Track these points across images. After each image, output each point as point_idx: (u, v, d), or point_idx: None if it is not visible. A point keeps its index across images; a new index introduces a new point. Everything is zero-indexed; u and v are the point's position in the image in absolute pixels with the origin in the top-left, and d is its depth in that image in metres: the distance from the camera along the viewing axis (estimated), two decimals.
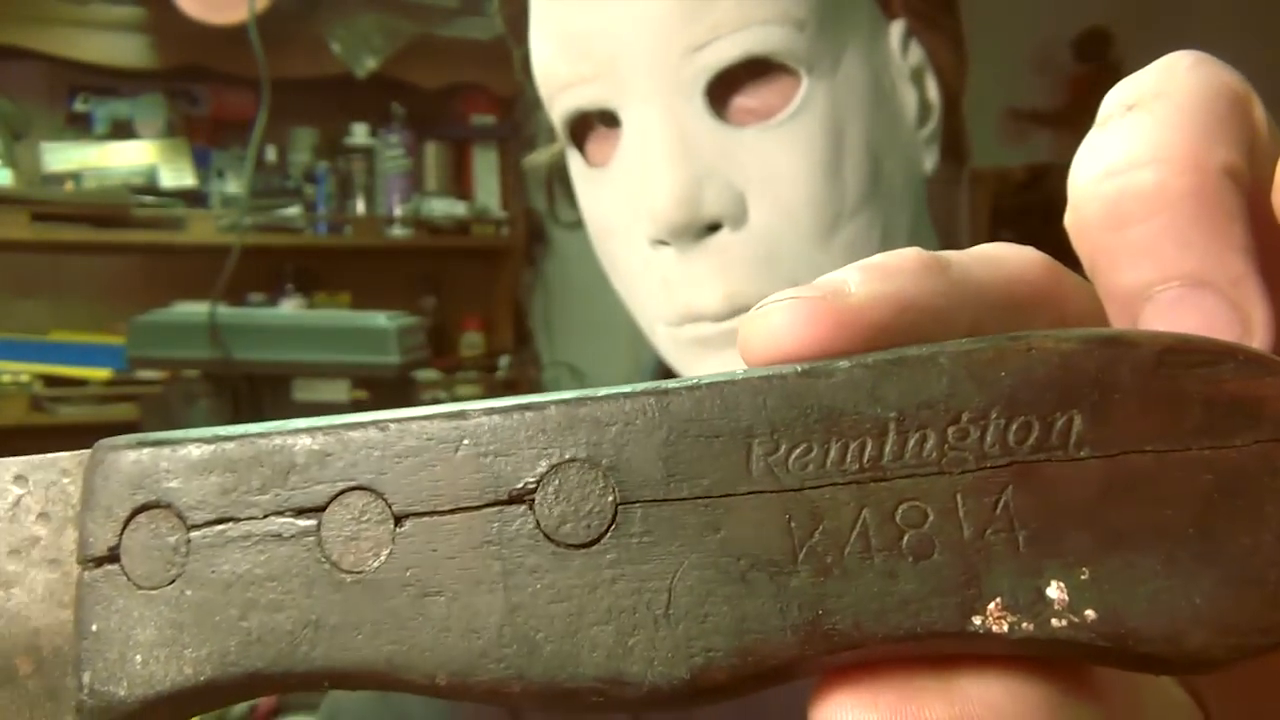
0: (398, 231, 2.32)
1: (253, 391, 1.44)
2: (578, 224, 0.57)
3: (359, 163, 2.32)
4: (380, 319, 1.52)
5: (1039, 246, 0.20)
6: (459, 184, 2.44)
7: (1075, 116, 3.46)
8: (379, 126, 2.33)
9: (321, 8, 2.14)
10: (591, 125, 0.50)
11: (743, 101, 0.47)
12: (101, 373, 2.02)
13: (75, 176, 2.05)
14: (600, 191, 0.51)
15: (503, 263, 2.47)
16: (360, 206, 2.32)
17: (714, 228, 0.47)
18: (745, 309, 0.46)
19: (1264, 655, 0.15)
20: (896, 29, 0.51)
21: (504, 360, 2.49)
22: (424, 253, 2.43)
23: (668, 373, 0.58)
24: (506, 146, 2.46)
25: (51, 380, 2.00)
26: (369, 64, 2.16)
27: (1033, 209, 3.22)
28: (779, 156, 0.46)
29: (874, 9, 0.50)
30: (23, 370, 1.99)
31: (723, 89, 0.47)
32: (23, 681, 0.17)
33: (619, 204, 0.49)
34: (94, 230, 1.99)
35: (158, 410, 1.60)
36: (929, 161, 0.52)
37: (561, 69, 0.49)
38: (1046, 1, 3.35)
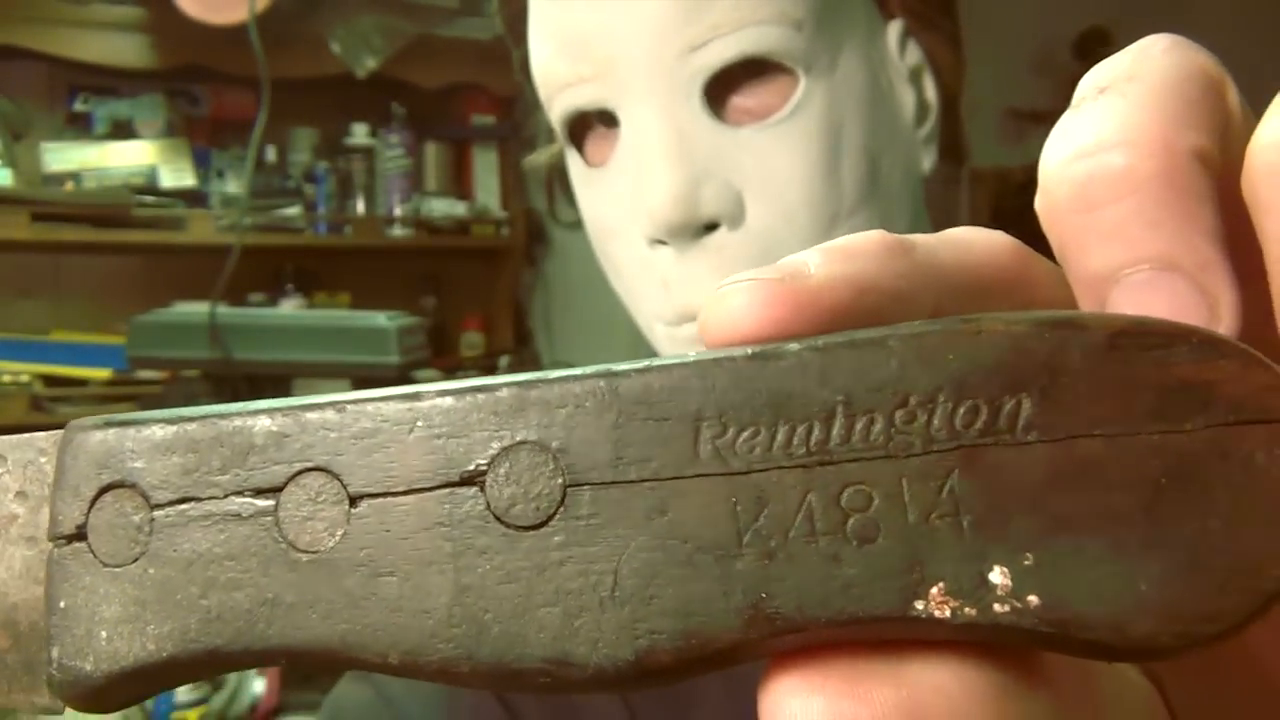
0: (398, 231, 2.33)
1: (253, 391, 1.45)
2: (578, 224, 0.57)
3: (359, 163, 2.32)
4: (380, 319, 1.52)
5: (1039, 247, 0.20)
6: (459, 184, 2.44)
7: None
8: (379, 126, 2.33)
9: (321, 8, 2.14)
10: (590, 125, 0.51)
11: (740, 101, 0.47)
12: (101, 373, 2.02)
13: (75, 176, 2.05)
14: (599, 191, 0.51)
15: (503, 263, 2.47)
16: (360, 206, 2.32)
17: (712, 227, 0.47)
18: None
19: (1211, 644, 0.15)
20: (894, 29, 0.51)
21: (504, 360, 2.49)
22: (424, 253, 2.43)
23: None
24: (506, 146, 2.46)
25: (51, 380, 2.00)
26: (369, 64, 2.16)
27: (1033, 209, 3.22)
28: (776, 156, 0.47)
29: (871, 9, 0.50)
30: (23, 370, 1.99)
31: (720, 89, 0.47)
32: (1, 656, 0.17)
33: (618, 203, 0.50)
34: (94, 230, 1.99)
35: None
36: (927, 161, 0.53)
37: (560, 69, 0.49)
38: (1046, 1, 3.35)
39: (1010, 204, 3.25)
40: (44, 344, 2.11)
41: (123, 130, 2.12)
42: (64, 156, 2.06)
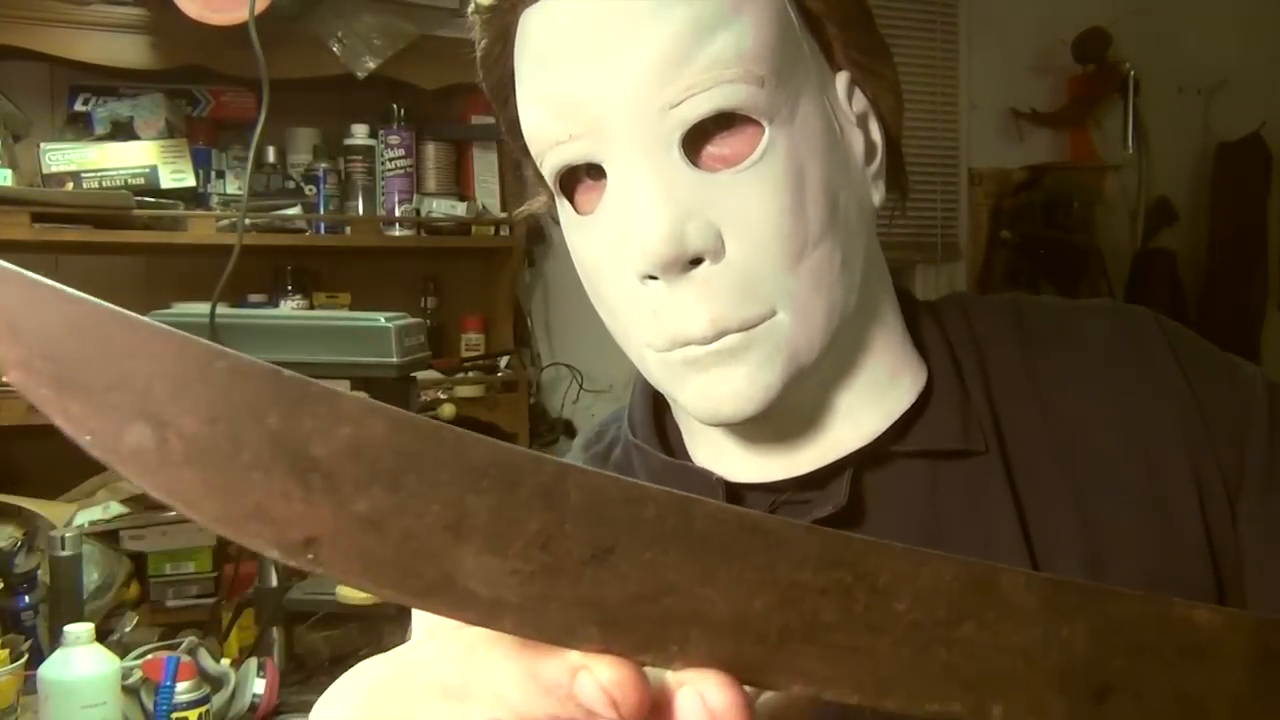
0: (398, 231, 2.33)
1: None
2: None
3: (359, 163, 2.32)
4: (380, 319, 1.52)
5: (1039, 246, 0.20)
6: (459, 184, 2.44)
7: (1075, 116, 3.46)
8: (379, 126, 2.33)
9: (321, 8, 2.14)
10: (579, 177, 0.56)
11: (714, 150, 0.53)
12: None
13: (75, 177, 2.05)
14: (589, 235, 0.56)
15: (503, 263, 2.47)
16: (360, 206, 2.32)
17: (696, 261, 0.52)
18: (728, 331, 0.52)
19: None
20: (842, 80, 0.58)
21: (504, 360, 2.49)
22: (424, 253, 2.43)
23: (657, 396, 0.65)
24: (506, 146, 2.45)
25: None
26: (369, 64, 2.16)
27: (1033, 209, 3.22)
28: (749, 196, 0.52)
29: (822, 63, 0.57)
30: None
31: (696, 140, 0.53)
32: None
33: (607, 245, 0.55)
34: (94, 230, 1.99)
35: None
36: (876, 196, 0.59)
37: (551, 129, 0.54)
38: (1046, 2, 3.35)
39: (1010, 204, 3.25)
40: None
41: (123, 130, 2.12)
42: (64, 157, 2.05)
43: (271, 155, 2.26)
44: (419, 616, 0.31)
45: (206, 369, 0.22)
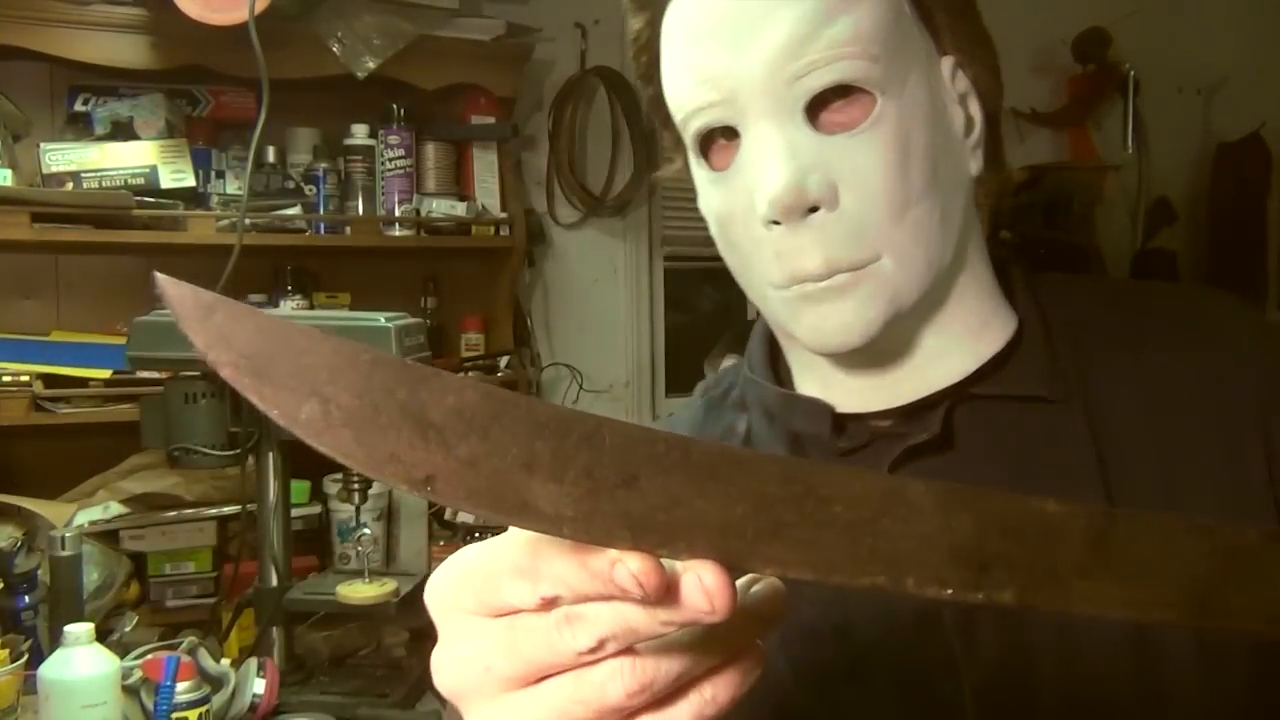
0: (398, 231, 2.33)
1: None
2: (577, 224, 0.63)
3: (359, 163, 2.32)
4: (380, 319, 1.52)
5: (1038, 246, 0.20)
6: (459, 184, 2.44)
7: (1075, 116, 3.46)
8: (379, 126, 2.33)
9: (321, 8, 2.14)
10: (715, 139, 0.65)
11: (832, 116, 0.62)
12: (101, 373, 2.02)
13: (75, 176, 2.05)
14: (723, 189, 0.65)
15: (503, 263, 2.47)
16: (360, 206, 2.32)
17: (814, 210, 0.61)
18: (839, 270, 0.61)
19: None
20: (947, 63, 0.66)
21: (504, 360, 2.49)
22: (424, 253, 2.43)
23: (772, 340, 0.74)
24: (506, 146, 2.46)
25: (51, 380, 2.00)
26: (369, 64, 2.16)
27: (1033, 209, 3.22)
28: (861, 157, 0.61)
29: (930, 47, 0.65)
30: (23, 370, 1.99)
31: (817, 107, 0.62)
32: None
33: (739, 197, 0.64)
34: (94, 230, 1.99)
35: (158, 410, 1.60)
36: (974, 165, 0.67)
37: (695, 97, 0.64)
38: (1046, 1, 3.35)
39: (1010, 204, 3.25)
40: (44, 344, 2.11)
41: (123, 130, 2.12)
42: (64, 156, 2.05)
43: (271, 155, 2.26)
44: None
45: (355, 360, 0.31)
